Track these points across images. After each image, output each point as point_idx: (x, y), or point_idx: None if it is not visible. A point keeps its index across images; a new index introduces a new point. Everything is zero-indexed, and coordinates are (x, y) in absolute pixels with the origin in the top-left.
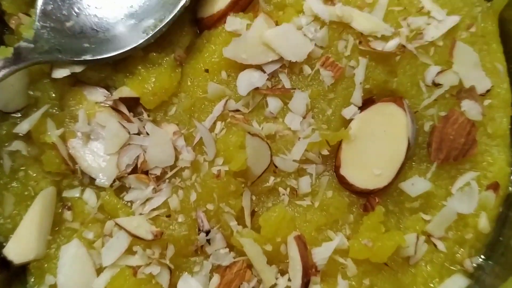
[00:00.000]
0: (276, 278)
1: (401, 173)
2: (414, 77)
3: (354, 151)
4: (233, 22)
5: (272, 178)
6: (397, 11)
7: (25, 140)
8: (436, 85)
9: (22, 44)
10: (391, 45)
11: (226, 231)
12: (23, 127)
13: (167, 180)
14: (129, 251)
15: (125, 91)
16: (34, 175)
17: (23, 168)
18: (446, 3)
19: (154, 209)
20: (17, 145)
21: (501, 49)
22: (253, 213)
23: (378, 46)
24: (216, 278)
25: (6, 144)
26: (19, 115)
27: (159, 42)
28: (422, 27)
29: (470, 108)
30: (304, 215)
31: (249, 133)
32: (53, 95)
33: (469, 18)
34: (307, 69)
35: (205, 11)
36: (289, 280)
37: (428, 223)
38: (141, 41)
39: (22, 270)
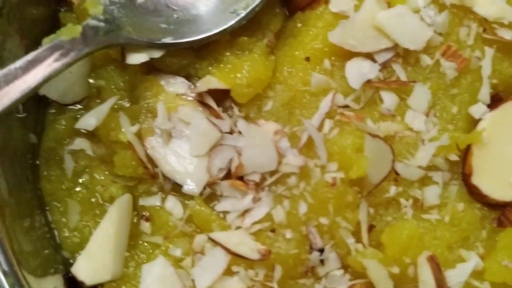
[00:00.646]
0: None
1: None
2: None
3: (487, 157)
4: (339, 2)
5: (393, 188)
6: None
7: (89, 137)
8: None
9: (91, 22)
10: None
11: (342, 250)
12: (90, 121)
13: (268, 188)
14: (228, 272)
15: (212, 82)
16: (101, 178)
17: (88, 170)
18: None
19: (255, 223)
20: (80, 143)
21: None
22: (370, 229)
23: (506, 34)
24: None
25: (66, 142)
26: (79, 107)
27: (248, 24)
28: None
29: None
30: (433, 231)
31: (369, 134)
32: (121, 84)
33: None
34: (425, 59)
35: None
36: None
37: None
38: (231, 22)
39: None
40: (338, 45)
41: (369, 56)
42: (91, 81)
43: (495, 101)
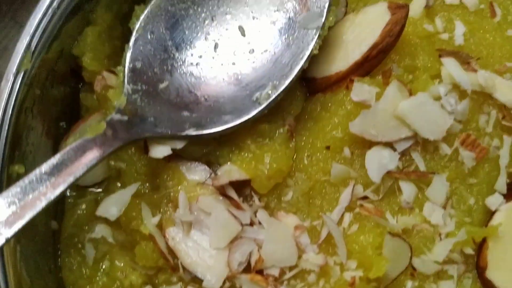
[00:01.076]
0: None
1: None
2: None
3: (503, 250)
4: (361, 91)
5: (409, 283)
6: None
7: (110, 223)
8: None
9: (115, 117)
10: None
11: None
12: (111, 211)
13: (286, 282)
14: None
15: (234, 172)
16: (121, 265)
17: (108, 257)
18: None
19: None
20: (101, 230)
21: None
22: None
23: None
24: None
25: (87, 228)
26: (99, 190)
27: (270, 109)
28: None
29: None
30: None
31: (389, 233)
32: (143, 168)
33: None
34: (444, 148)
35: (318, 70)
36: None
37: None
38: (253, 113)
39: None
40: (359, 135)
41: (389, 145)
42: (111, 162)
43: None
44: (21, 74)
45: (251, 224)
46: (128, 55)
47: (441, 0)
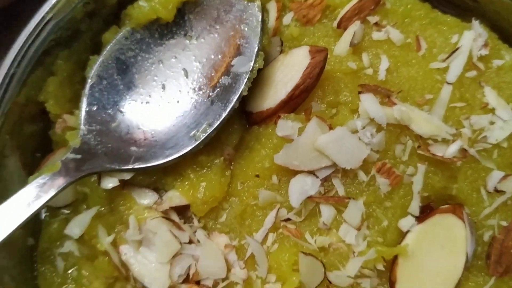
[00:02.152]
0: None
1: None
2: (475, 183)
3: (411, 267)
4: (285, 127)
5: None
6: (459, 108)
7: (77, 240)
8: (499, 191)
9: (69, 156)
10: (452, 150)
11: None
12: (75, 231)
13: None
14: None
15: (175, 198)
16: (87, 274)
17: (76, 268)
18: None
19: None
20: (69, 245)
21: None
22: None
23: (438, 151)
24: None
25: (58, 244)
26: (68, 211)
27: (208, 142)
28: (486, 127)
29: None
30: None
31: (302, 252)
32: (103, 193)
33: None
34: (362, 175)
35: (254, 105)
36: None
37: None
38: (189, 147)
39: None
40: (283, 166)
41: (312, 173)
42: (78, 187)
43: (426, 211)
44: None
45: (190, 242)
46: (84, 100)
47: (369, 36)
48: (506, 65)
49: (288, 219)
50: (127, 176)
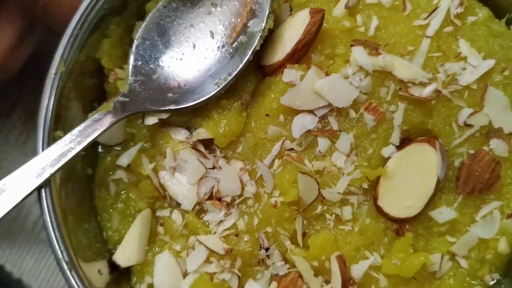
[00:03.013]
0: (321, 286)
1: (431, 203)
2: (448, 118)
3: (390, 186)
4: (289, 74)
5: (320, 207)
6: (436, 57)
7: (126, 169)
8: (468, 125)
9: (120, 98)
10: (428, 91)
11: (282, 248)
12: (124, 161)
13: (236, 206)
14: (207, 261)
15: (202, 133)
16: (133, 197)
17: (125, 191)
18: (483, 47)
19: (225, 229)
20: (119, 174)
21: None
22: (304, 234)
23: (416, 92)
24: (274, 285)
25: (111, 173)
26: (119, 148)
27: (229, 90)
28: (458, 72)
29: (497, 146)
30: (345, 237)
31: (300, 172)
32: (146, 132)
33: (504, 61)
34: (352, 113)
35: (266, 60)
36: None
37: (453, 244)
38: (213, 92)
39: (127, 271)
40: (288, 106)
41: (311, 112)
42: (127, 129)
43: (405, 142)
44: (59, 74)
45: (213, 167)
46: (131, 57)
47: (363, 0)
48: (479, 21)
49: (291, 149)
50: (164, 116)
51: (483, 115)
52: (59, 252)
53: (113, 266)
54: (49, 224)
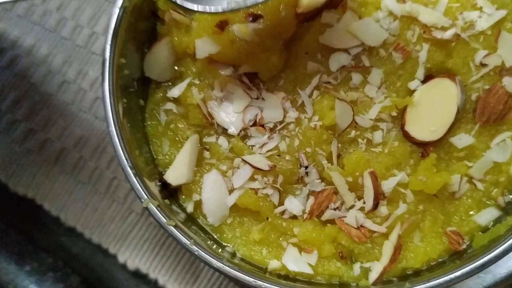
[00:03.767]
0: (354, 201)
1: (452, 130)
2: (466, 59)
3: (416, 113)
4: (328, 17)
5: (353, 132)
6: (455, 7)
7: (175, 102)
8: (483, 65)
9: None
10: (448, 34)
11: (320, 167)
12: (175, 92)
13: (277, 131)
14: (252, 178)
15: (247, 67)
16: (182, 126)
17: (174, 121)
18: (496, 0)
19: (269, 151)
20: (169, 105)
21: None
22: (338, 156)
23: (438, 35)
24: (311, 200)
25: (161, 105)
26: (169, 84)
27: (272, 33)
28: (475, 19)
29: (509, 83)
30: (376, 158)
31: (337, 98)
32: (194, 69)
33: None
34: (382, 52)
35: (304, 7)
36: (364, 203)
37: (470, 168)
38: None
39: (175, 191)
40: (325, 44)
41: (346, 51)
42: (176, 68)
43: (429, 78)
44: (122, 10)
45: (257, 98)
46: None
47: None
48: None
49: (328, 82)
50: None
51: (497, 56)
52: (124, 160)
53: (163, 185)
54: (116, 138)
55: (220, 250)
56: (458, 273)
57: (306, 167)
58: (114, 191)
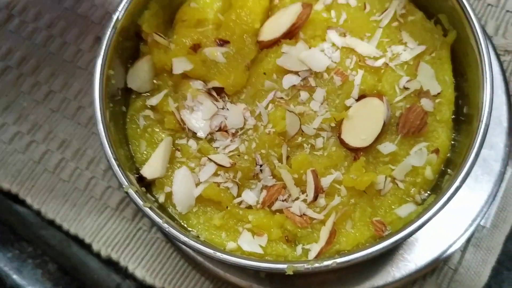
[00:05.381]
0: (299, 194)
1: (379, 139)
2: (392, 83)
3: (351, 125)
4: (285, 47)
5: (300, 138)
6: (385, 41)
7: (152, 109)
8: (406, 88)
9: None
10: (379, 63)
11: (272, 166)
12: (153, 101)
13: (238, 136)
14: (215, 174)
15: (215, 83)
16: (157, 130)
17: (151, 125)
18: (418, 38)
19: (230, 151)
20: (148, 112)
21: (450, 68)
22: (287, 157)
23: (371, 63)
24: (264, 192)
25: (141, 111)
26: (148, 94)
27: (236, 57)
28: (400, 52)
29: (426, 104)
30: (317, 160)
31: (288, 110)
32: (170, 83)
33: (432, 47)
34: (325, 75)
35: (265, 36)
36: (306, 195)
37: (393, 170)
38: None
39: (149, 184)
40: (281, 66)
41: (296, 73)
42: (154, 81)
43: (361, 97)
44: (114, 30)
45: (223, 108)
46: None
47: (336, 1)
48: (415, 19)
49: (281, 98)
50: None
51: (417, 82)
52: (110, 153)
53: (139, 179)
54: (104, 136)
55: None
56: (374, 248)
57: (261, 166)
58: (92, 189)
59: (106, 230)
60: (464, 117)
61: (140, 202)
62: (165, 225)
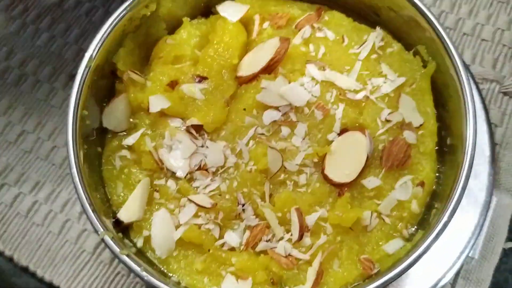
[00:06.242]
0: (283, 234)
1: (363, 174)
2: (374, 116)
3: (334, 160)
4: (264, 82)
5: (282, 175)
6: (365, 74)
7: (129, 149)
8: (387, 121)
9: None
10: (359, 96)
11: (254, 205)
12: (130, 141)
13: (219, 174)
14: (196, 215)
15: (194, 120)
16: (134, 171)
17: (128, 166)
18: (397, 69)
19: (211, 191)
20: (124, 152)
21: (431, 99)
22: (270, 195)
23: (351, 96)
24: (247, 233)
25: (117, 152)
26: (124, 133)
27: (215, 93)
28: (381, 84)
29: (408, 135)
30: (301, 197)
31: (269, 147)
32: (147, 121)
33: (412, 79)
34: (306, 110)
35: (244, 72)
36: (291, 235)
37: (379, 205)
38: None
39: (127, 227)
40: (261, 102)
41: (277, 108)
42: (131, 120)
43: (344, 131)
44: (88, 68)
45: (202, 146)
46: None
47: (314, 35)
48: (394, 51)
49: (262, 134)
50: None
51: (398, 114)
52: (84, 198)
53: (116, 223)
54: (77, 179)
55: (166, 279)
56: None
57: (243, 205)
58: (67, 232)
59: (83, 275)
60: (448, 148)
61: (116, 249)
62: (144, 273)
